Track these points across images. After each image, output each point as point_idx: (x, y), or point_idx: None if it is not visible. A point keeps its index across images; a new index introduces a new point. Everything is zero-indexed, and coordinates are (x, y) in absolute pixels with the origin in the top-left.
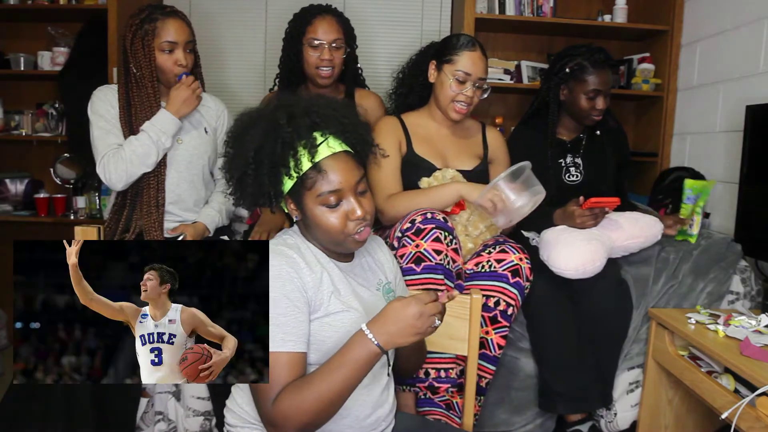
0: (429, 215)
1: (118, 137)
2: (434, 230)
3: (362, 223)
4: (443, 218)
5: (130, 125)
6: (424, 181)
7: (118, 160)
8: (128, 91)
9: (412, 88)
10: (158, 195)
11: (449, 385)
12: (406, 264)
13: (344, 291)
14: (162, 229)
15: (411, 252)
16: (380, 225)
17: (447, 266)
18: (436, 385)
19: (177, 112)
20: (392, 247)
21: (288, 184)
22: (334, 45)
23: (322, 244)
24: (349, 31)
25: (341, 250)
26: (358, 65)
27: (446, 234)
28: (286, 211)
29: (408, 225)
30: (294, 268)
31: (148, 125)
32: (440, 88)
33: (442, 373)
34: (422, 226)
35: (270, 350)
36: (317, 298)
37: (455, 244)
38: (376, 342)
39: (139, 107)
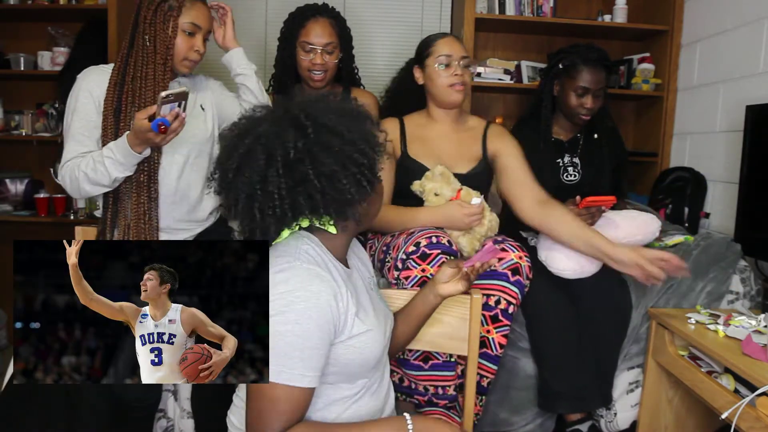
0: (434, 239)
1: (86, 146)
2: (440, 255)
3: None
4: (448, 241)
5: (118, 105)
6: (416, 185)
7: (74, 175)
8: (126, 66)
9: (408, 101)
10: (150, 185)
11: (447, 401)
12: (411, 287)
13: (361, 307)
14: (154, 226)
15: (417, 276)
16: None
17: None
18: (435, 401)
19: (135, 148)
20: (383, 263)
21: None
22: (327, 49)
23: (366, 222)
24: (345, 34)
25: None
26: (355, 65)
27: (451, 258)
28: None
29: (413, 248)
30: (332, 295)
31: (108, 150)
32: (431, 81)
33: (440, 390)
34: (428, 251)
35: (284, 382)
36: (342, 322)
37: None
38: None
39: (139, 83)
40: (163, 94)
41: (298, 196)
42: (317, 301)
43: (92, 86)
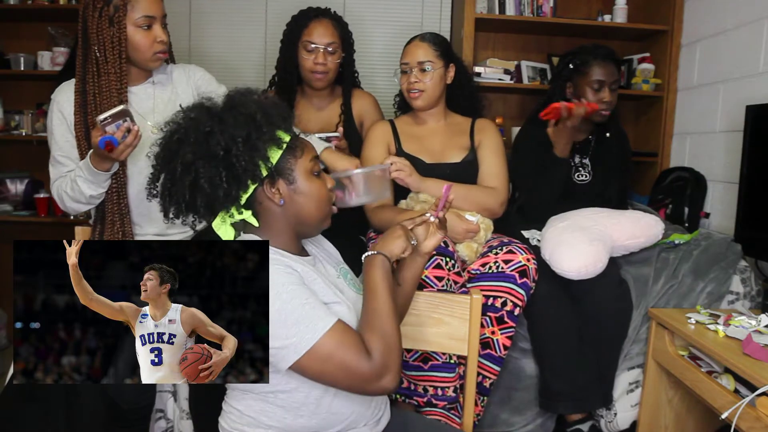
0: None
1: (68, 166)
2: (435, 257)
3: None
4: (444, 242)
5: (86, 123)
6: (403, 203)
7: (59, 194)
8: (85, 84)
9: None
10: (120, 202)
11: (446, 403)
12: None
13: (325, 284)
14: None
15: None
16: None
17: (449, 290)
18: (434, 402)
19: (98, 166)
20: None
21: (276, 154)
22: (329, 49)
23: (303, 227)
24: (346, 36)
25: (314, 233)
26: (355, 69)
27: (447, 259)
28: (238, 218)
29: None
30: (287, 265)
31: (78, 170)
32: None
33: (439, 392)
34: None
35: (325, 329)
36: (314, 291)
37: (457, 267)
38: (379, 252)
39: (99, 97)
40: (101, 117)
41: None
42: (277, 272)
43: (63, 105)
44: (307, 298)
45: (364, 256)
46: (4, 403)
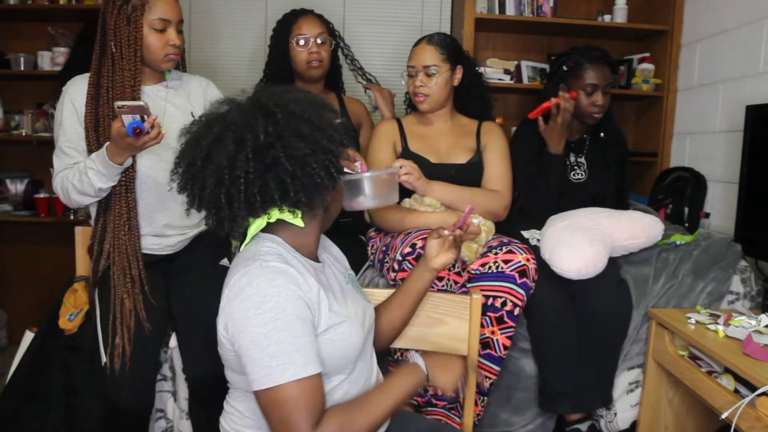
0: None
1: (74, 158)
2: None
3: None
4: None
5: (96, 115)
6: (406, 202)
7: (64, 186)
8: (99, 78)
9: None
10: (128, 195)
11: (446, 403)
12: None
13: (333, 300)
14: (135, 235)
15: None
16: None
17: (449, 290)
18: (434, 401)
19: (114, 158)
20: (382, 263)
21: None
22: (319, 40)
23: (328, 221)
24: (332, 32)
25: (329, 225)
26: (342, 80)
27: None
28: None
29: (409, 249)
30: (297, 285)
31: (90, 161)
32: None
33: (440, 392)
34: (423, 252)
35: (293, 379)
36: (316, 311)
37: (457, 267)
38: (426, 371)
39: (112, 92)
40: (119, 103)
41: (268, 181)
42: (286, 294)
43: (75, 97)
44: (297, 337)
45: (411, 360)
46: (4, 403)
